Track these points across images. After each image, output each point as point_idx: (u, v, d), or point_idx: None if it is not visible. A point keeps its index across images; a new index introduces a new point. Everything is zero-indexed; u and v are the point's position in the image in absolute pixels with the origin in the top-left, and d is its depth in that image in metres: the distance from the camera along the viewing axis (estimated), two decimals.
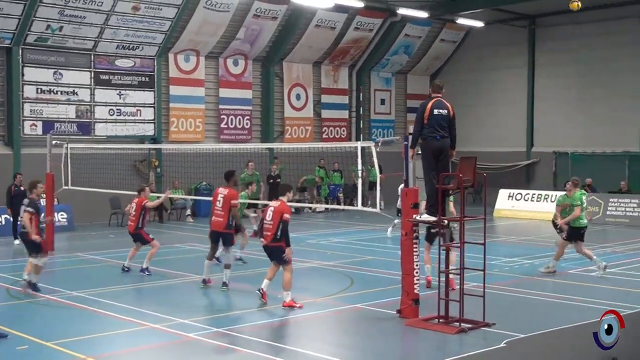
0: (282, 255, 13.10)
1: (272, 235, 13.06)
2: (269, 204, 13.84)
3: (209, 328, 11.67)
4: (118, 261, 18.09)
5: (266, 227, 13.17)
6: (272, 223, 13.06)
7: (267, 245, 13.21)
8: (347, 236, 23.18)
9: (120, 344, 11.09)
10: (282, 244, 13.08)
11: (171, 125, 29.74)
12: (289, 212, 13.21)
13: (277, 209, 13.12)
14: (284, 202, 13.31)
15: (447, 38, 36.80)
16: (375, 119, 36.70)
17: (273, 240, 13.07)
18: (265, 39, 31.41)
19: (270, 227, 13.09)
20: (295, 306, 12.93)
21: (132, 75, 28.76)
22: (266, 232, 13.15)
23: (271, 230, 13.06)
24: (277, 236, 13.03)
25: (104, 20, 26.84)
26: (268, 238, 13.13)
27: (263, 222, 13.33)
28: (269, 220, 13.15)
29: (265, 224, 13.22)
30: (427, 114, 12.01)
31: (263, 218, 13.41)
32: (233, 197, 14.91)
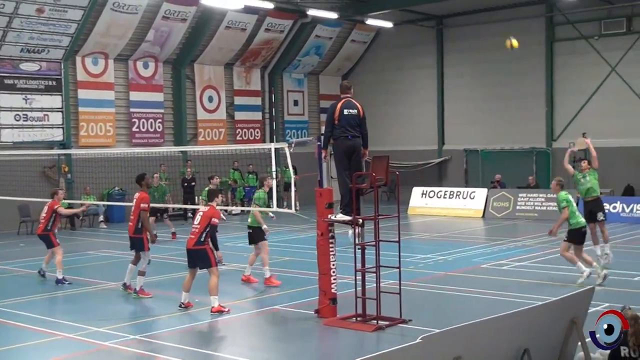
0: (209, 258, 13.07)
1: (196, 238, 13.01)
2: (199, 208, 13.89)
3: (126, 335, 11.48)
4: (29, 270, 17.64)
5: (192, 230, 13.17)
6: (199, 227, 13.04)
7: (190, 249, 13.11)
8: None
9: (32, 356, 10.80)
10: (205, 247, 13.05)
11: (81, 130, 29.10)
12: (218, 217, 13.33)
13: (207, 213, 13.12)
14: (214, 207, 13.35)
15: (357, 39, 37.15)
16: (288, 120, 36.76)
17: (196, 244, 13.01)
18: (175, 41, 31.08)
19: (196, 230, 13.05)
20: (224, 310, 12.82)
21: (38, 79, 28.01)
22: (191, 236, 13.11)
23: (196, 234, 13.03)
24: (200, 239, 12.99)
25: (7, 23, 26.06)
26: (192, 241, 13.06)
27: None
28: (196, 224, 13.16)
29: (192, 227, 13.24)
30: (337, 114, 12.08)
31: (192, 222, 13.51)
32: (142, 200, 14.68)
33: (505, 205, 28.34)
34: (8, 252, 21.55)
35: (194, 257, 13.18)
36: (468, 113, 34.60)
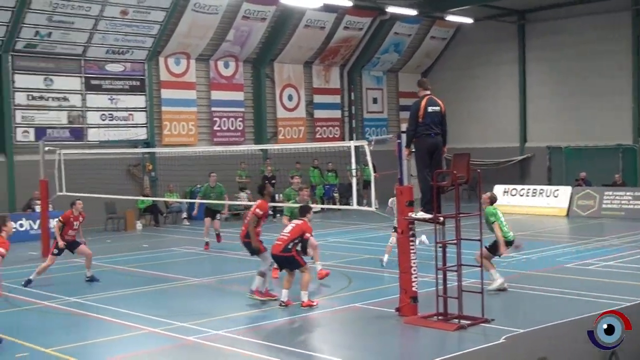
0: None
1: (284, 245, 13.27)
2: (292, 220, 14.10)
3: (208, 331, 11.66)
4: (116, 266, 18.10)
5: (280, 237, 13.45)
6: (289, 236, 13.35)
7: (276, 255, 13.39)
8: (344, 236, 23.19)
9: (120, 349, 11.07)
10: (292, 254, 13.32)
11: (164, 129, 29.70)
12: (310, 232, 13.82)
13: (300, 226, 13.53)
14: (306, 221, 13.70)
15: (437, 35, 36.84)
16: (367, 117, 36.72)
17: (283, 251, 13.26)
18: (255, 40, 31.40)
19: (285, 238, 13.34)
20: (313, 305, 13.10)
21: (123, 79, 28.72)
22: (278, 242, 13.38)
23: (284, 241, 13.29)
24: (288, 247, 13.27)
25: (93, 25, 26.80)
26: (278, 248, 13.30)
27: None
28: (286, 232, 13.46)
29: (281, 234, 13.51)
30: (421, 111, 12.00)
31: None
32: (258, 206, 14.14)
33: (591, 204, 27.67)
34: (95, 247, 22.08)
35: (281, 263, 13.54)
36: (551, 109, 33.94)
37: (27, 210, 24.94)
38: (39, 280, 15.98)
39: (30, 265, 19.55)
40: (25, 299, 14.71)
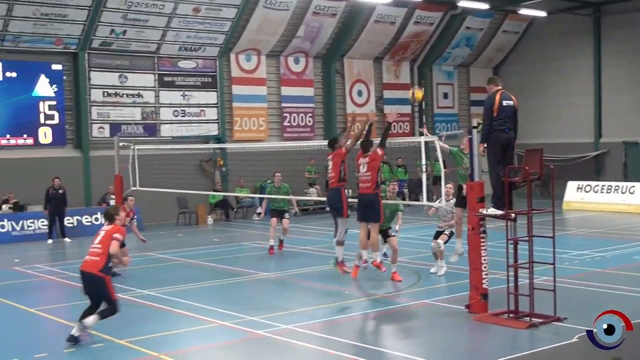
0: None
1: (373, 184, 13.66)
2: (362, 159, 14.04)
3: (278, 325, 11.73)
4: (187, 260, 18.37)
5: (364, 178, 13.72)
6: (370, 174, 13.67)
7: (366, 194, 13.68)
8: (414, 231, 23.05)
9: (190, 341, 11.24)
10: (378, 191, 13.76)
11: (235, 125, 30.03)
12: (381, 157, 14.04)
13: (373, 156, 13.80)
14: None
15: (509, 29, 36.32)
16: (438, 112, 36.46)
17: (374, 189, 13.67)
18: (325, 36, 31.46)
19: (368, 177, 13.68)
20: (382, 269, 13.85)
21: (195, 76, 29.13)
22: (364, 184, 13.71)
23: (371, 181, 13.68)
24: (377, 184, 13.65)
25: (166, 23, 27.25)
26: (366, 189, 13.66)
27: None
28: (364, 171, 13.74)
29: (361, 176, 13.79)
30: (496, 106, 11.84)
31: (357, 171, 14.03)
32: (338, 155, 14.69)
33: None
34: (168, 242, 22.52)
35: (367, 204, 13.71)
36: (627, 104, 33.12)
37: (102, 204, 25.50)
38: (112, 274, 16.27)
39: None
40: None
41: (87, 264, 11.07)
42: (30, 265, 17.51)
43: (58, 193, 23.50)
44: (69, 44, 26.16)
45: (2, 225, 23.54)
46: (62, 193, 23.72)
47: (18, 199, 24.38)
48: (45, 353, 10.60)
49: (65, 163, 25.95)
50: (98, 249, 11.06)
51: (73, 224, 24.60)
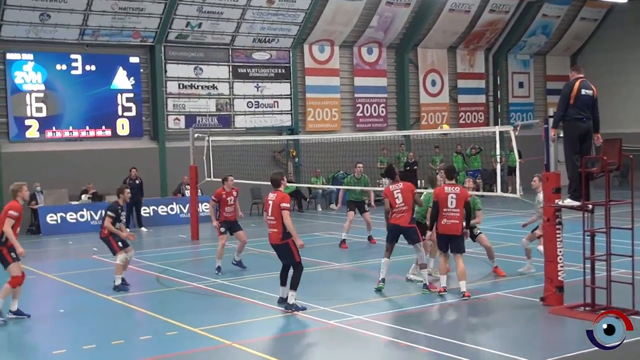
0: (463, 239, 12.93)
1: (461, 222, 12.79)
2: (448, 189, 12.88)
3: (350, 315, 11.75)
4: (261, 250, 18.52)
5: (452, 214, 12.77)
6: (459, 212, 12.75)
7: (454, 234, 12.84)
8: (487, 222, 22.73)
9: (263, 330, 11.34)
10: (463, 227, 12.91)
11: (308, 116, 30.15)
12: (469, 195, 13.16)
13: (461, 194, 12.82)
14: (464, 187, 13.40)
15: (587, 16, 35.49)
16: (513, 102, 35.90)
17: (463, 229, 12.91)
18: (398, 26, 31.29)
19: (457, 214, 12.75)
20: (467, 296, 12.58)
21: (269, 67, 29.35)
22: (451, 220, 12.75)
23: (459, 219, 12.77)
24: (463, 225, 12.82)
25: (240, 15, 27.52)
26: (458, 227, 12.79)
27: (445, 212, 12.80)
28: (453, 207, 12.74)
29: (449, 211, 12.75)
30: (574, 93, 11.58)
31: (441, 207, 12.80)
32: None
33: None
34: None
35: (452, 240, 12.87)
36: None
37: (177, 194, 25.98)
38: (190, 263, 16.58)
39: (181, 248, 20.38)
40: (175, 280, 15.33)
41: (270, 236, 12.32)
42: (108, 254, 17.89)
43: (135, 183, 23.99)
44: (146, 37, 26.65)
45: (82, 214, 24.15)
46: (139, 183, 24.21)
47: (96, 189, 24.99)
48: (122, 340, 10.85)
49: (141, 154, 26.49)
50: (272, 221, 12.18)
51: (149, 213, 25.08)
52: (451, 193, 12.74)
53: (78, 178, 24.93)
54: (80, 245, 21.03)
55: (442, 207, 12.76)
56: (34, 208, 23.71)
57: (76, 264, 17.82)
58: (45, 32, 24.86)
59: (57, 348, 10.50)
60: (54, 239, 22.58)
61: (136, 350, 10.43)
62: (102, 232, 14.46)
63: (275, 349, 10.28)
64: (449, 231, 12.77)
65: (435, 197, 12.95)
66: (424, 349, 10.06)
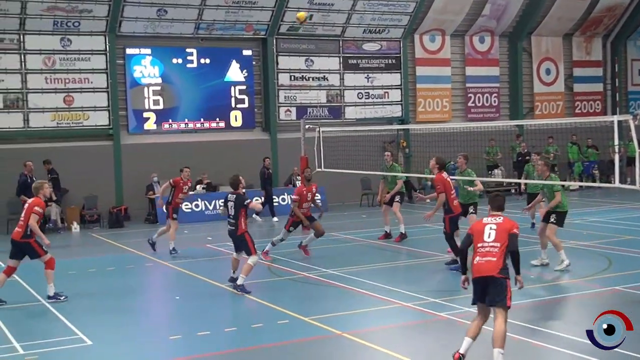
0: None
1: (502, 262, 8.74)
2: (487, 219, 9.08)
3: (460, 308, 11.63)
4: (370, 241, 18.57)
5: (489, 251, 8.76)
6: (499, 246, 8.75)
7: (494, 276, 8.65)
8: (604, 215, 22.11)
9: (372, 321, 11.36)
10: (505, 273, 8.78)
11: (418, 106, 29.96)
12: (517, 227, 8.95)
13: (503, 225, 8.89)
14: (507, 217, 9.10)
15: None
16: (632, 90, 34.62)
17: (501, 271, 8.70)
18: (511, 14, 30.66)
19: (496, 251, 8.73)
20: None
21: (379, 58, 29.31)
22: (490, 257, 8.71)
23: (497, 255, 8.70)
24: (505, 265, 8.75)
25: (351, 6, 27.57)
26: (495, 266, 8.68)
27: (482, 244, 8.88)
28: (490, 241, 8.82)
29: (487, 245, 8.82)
30: None
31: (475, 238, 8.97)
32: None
33: None
34: (351, 222, 22.86)
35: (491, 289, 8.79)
36: None
37: (288, 185, 26.31)
38: (300, 253, 16.76)
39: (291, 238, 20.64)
40: (286, 269, 15.53)
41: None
42: (222, 243, 18.32)
43: (269, 172, 24.54)
44: (259, 29, 27.06)
45: (196, 204, 24.78)
46: (271, 172, 24.77)
47: (211, 179, 25.58)
48: (235, 327, 11.09)
49: (253, 145, 26.95)
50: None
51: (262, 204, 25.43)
52: (490, 224, 8.96)
53: (193, 169, 25.36)
54: (195, 234, 21.57)
55: (477, 242, 8.96)
56: (152, 197, 24.48)
57: (191, 252, 18.30)
58: (162, 27, 25.61)
59: (173, 333, 10.83)
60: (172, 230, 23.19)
61: (248, 337, 10.63)
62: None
63: (385, 340, 10.28)
64: (483, 272, 8.76)
65: (469, 230, 9.24)
66: (536, 342, 9.85)
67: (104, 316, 12.10)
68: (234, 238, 13.46)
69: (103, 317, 12.04)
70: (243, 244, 13.30)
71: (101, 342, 10.45)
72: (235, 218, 13.27)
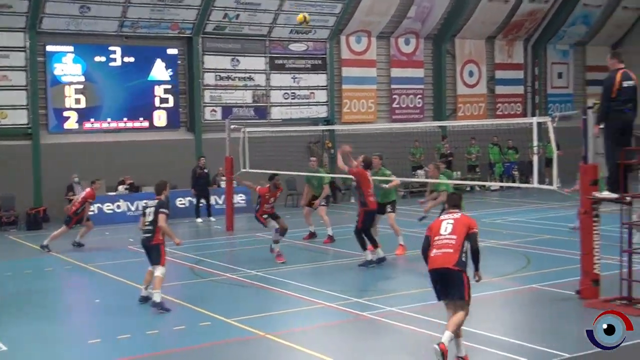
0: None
1: (458, 255, 8.84)
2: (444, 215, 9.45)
3: (383, 307, 11.72)
4: (295, 241, 18.56)
5: (446, 243, 8.93)
6: (456, 239, 8.89)
7: (450, 268, 8.81)
8: (524, 215, 22.60)
9: (297, 321, 11.37)
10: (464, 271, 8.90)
11: (344, 107, 30.09)
12: (476, 226, 9.14)
13: (461, 220, 9.10)
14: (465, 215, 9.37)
15: (630, 5, 34.90)
16: (552, 93, 35.48)
17: (457, 264, 8.81)
18: (436, 17, 31.07)
19: (452, 244, 8.88)
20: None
21: (306, 58, 29.34)
22: (446, 249, 8.89)
23: (454, 248, 8.85)
24: (461, 258, 8.84)
25: (278, 6, 27.53)
26: (451, 259, 8.81)
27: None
28: (449, 236, 8.96)
29: (444, 239, 8.97)
30: (616, 87, 11.39)
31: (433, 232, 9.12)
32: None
33: None
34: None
35: (449, 282, 8.96)
36: None
37: (213, 185, 26.06)
38: (224, 254, 16.66)
39: (216, 239, 20.49)
40: (210, 270, 15.41)
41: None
42: None
43: (204, 172, 24.22)
44: (184, 28, 26.78)
45: (118, 205, 24.37)
46: (207, 172, 24.43)
47: (133, 180, 25.19)
48: (156, 330, 10.95)
49: (178, 145, 26.66)
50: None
51: (184, 205, 25.15)
52: (448, 219, 9.15)
53: (115, 169, 25.16)
54: (116, 236, 21.22)
55: (434, 236, 9.10)
56: (71, 199, 23.95)
57: (112, 254, 17.99)
58: (85, 24, 25.10)
59: (92, 337, 10.63)
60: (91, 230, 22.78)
61: (170, 340, 10.52)
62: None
63: (308, 340, 10.27)
64: (439, 264, 8.93)
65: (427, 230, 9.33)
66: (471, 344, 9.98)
67: (21, 320, 11.80)
68: (147, 247, 12.42)
69: (19, 321, 11.74)
70: (156, 254, 12.29)
71: (17, 347, 10.19)
72: (152, 224, 12.28)
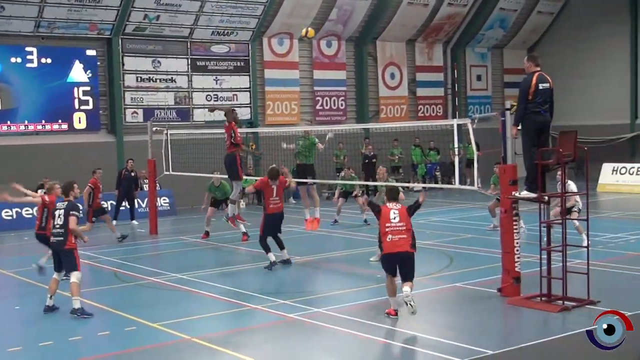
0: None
1: (411, 238, 11.00)
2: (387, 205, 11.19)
3: (310, 308, 11.77)
4: (220, 244, 18.47)
5: (399, 229, 10.91)
6: (404, 224, 10.93)
7: (408, 251, 10.92)
8: (446, 215, 22.98)
9: (223, 324, 11.33)
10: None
11: (267, 109, 30.07)
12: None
13: (402, 211, 11.07)
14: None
15: (544, 10, 35.87)
16: (471, 95, 36.18)
17: (412, 246, 11.04)
18: (357, 19, 31.33)
19: (404, 229, 10.93)
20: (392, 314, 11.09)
21: (228, 60, 29.20)
22: (401, 235, 10.88)
23: (405, 233, 10.92)
24: (414, 241, 11.08)
25: (199, 8, 27.33)
26: (405, 243, 10.91)
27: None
28: (399, 223, 10.94)
29: (395, 226, 10.91)
30: (532, 89, 11.70)
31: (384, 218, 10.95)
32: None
33: None
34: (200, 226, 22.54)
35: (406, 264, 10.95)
36: None
37: (137, 190, 25.69)
38: (148, 257, 16.46)
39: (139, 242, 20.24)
40: (133, 274, 15.20)
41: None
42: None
43: (130, 175, 23.76)
44: (103, 29, 26.33)
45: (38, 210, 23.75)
46: (134, 175, 23.96)
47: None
48: (80, 336, 10.75)
49: (99, 148, 26.21)
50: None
51: (108, 207, 24.72)
52: (393, 209, 11.06)
53: (34, 173, 24.52)
54: (36, 241, 20.67)
55: (385, 222, 10.97)
56: None
57: (32, 260, 17.54)
58: None
59: (13, 345, 10.36)
60: (9, 235, 22.25)
61: (94, 346, 10.33)
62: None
63: (234, 343, 10.24)
64: (399, 247, 10.89)
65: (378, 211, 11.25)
66: (382, 340, 10.12)
67: None
68: (60, 251, 11.95)
69: None
70: (69, 259, 11.86)
71: None
72: (64, 227, 11.86)
